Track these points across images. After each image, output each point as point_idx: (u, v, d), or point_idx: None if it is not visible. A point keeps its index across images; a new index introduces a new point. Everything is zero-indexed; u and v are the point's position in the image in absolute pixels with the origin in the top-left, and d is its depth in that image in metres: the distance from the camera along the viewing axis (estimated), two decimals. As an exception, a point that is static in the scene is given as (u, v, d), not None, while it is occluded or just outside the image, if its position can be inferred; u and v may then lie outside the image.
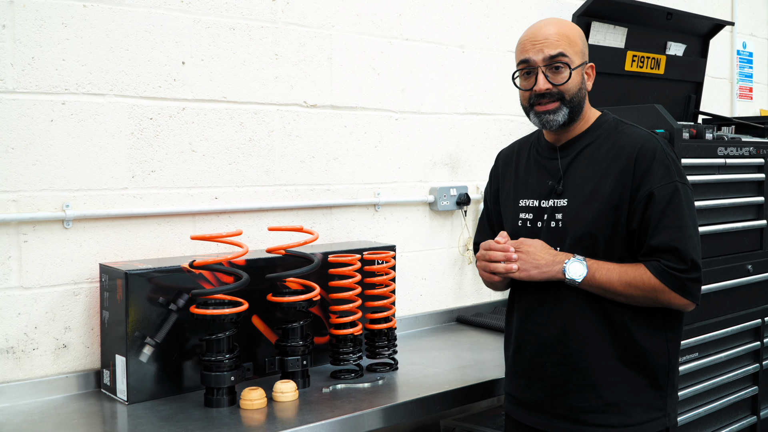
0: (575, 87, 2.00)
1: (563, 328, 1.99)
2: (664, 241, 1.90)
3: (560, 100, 2.00)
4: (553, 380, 2.01)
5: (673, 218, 1.91)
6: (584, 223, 1.97)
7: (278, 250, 2.36)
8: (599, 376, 1.97)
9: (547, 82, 1.98)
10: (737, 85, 4.63)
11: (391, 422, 2.17)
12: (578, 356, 1.98)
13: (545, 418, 2.03)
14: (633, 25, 3.50)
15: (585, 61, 2.04)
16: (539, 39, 2.00)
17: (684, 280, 1.90)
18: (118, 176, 2.36)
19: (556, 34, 1.99)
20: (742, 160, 3.17)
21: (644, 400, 1.98)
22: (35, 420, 2.04)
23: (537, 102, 2.01)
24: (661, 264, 1.90)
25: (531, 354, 2.06)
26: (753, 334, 3.33)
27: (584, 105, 2.05)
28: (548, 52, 1.98)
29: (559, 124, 2.02)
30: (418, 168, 3.11)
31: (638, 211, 1.93)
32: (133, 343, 2.16)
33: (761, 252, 3.30)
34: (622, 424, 1.96)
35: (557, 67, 1.99)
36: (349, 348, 2.43)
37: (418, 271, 3.13)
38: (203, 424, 2.00)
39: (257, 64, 2.63)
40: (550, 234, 2.03)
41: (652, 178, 1.92)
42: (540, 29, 2.02)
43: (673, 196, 1.92)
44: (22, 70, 2.18)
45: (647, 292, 1.92)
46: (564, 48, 1.98)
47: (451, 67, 3.20)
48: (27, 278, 2.22)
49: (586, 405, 1.97)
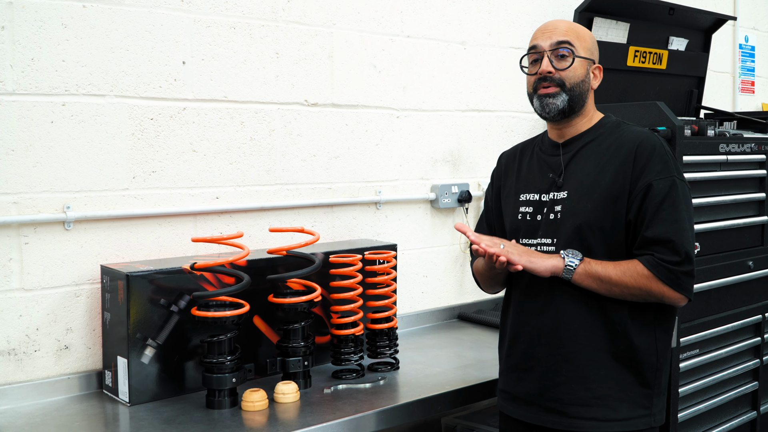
0: (577, 77, 2.06)
1: (556, 317, 2.02)
2: (659, 233, 1.93)
3: (561, 86, 2.05)
4: (544, 371, 2.04)
5: (669, 211, 1.94)
6: (583, 213, 2.00)
7: (280, 251, 2.36)
8: (589, 368, 1.99)
9: (550, 65, 2.06)
10: (739, 79, 4.62)
11: (392, 423, 2.18)
12: (570, 347, 2.01)
13: (534, 411, 2.06)
14: (635, 20, 3.50)
15: (593, 60, 2.12)
16: (550, 29, 2.11)
17: (678, 273, 1.93)
18: (118, 177, 2.36)
19: (567, 26, 2.10)
20: (744, 157, 3.17)
21: (631, 396, 2.01)
22: (37, 422, 2.05)
23: (540, 86, 2.07)
24: (654, 257, 1.93)
25: (525, 345, 2.08)
26: (753, 330, 3.34)
27: (587, 100, 2.10)
28: (555, 38, 2.07)
29: (558, 108, 2.06)
30: (419, 165, 3.11)
31: (636, 202, 1.96)
32: (134, 345, 2.16)
33: (762, 248, 3.30)
34: (608, 418, 1.99)
35: (562, 55, 2.06)
36: (351, 348, 2.43)
37: (419, 269, 3.13)
38: (205, 426, 2.01)
39: (258, 63, 2.62)
40: (548, 226, 2.06)
41: (651, 171, 1.97)
42: (552, 21, 2.14)
43: (671, 190, 1.95)
44: (22, 71, 2.17)
45: (641, 285, 1.94)
46: (572, 38, 2.07)
47: (453, 64, 3.19)
48: (28, 280, 2.22)
49: (574, 397, 2.00)
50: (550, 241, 2.04)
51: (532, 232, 2.09)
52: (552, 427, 2.03)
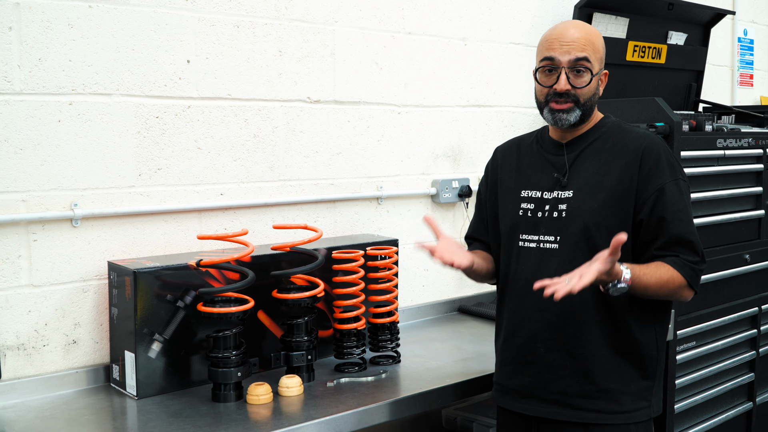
0: (591, 92, 2.07)
1: (562, 314, 2.04)
2: (681, 234, 1.99)
3: (575, 102, 2.06)
4: (545, 365, 2.07)
5: (684, 213, 2.01)
6: (590, 212, 2.03)
7: (283, 248, 2.39)
8: (594, 363, 2.03)
9: (568, 83, 2.04)
10: (738, 73, 4.64)
11: (393, 416, 2.22)
12: (574, 342, 2.04)
13: (533, 403, 2.09)
14: (634, 15, 3.52)
15: (602, 68, 2.11)
16: (567, 40, 2.04)
17: (698, 272, 2.02)
18: (125, 174, 2.39)
19: (584, 38, 2.05)
20: (741, 151, 3.20)
21: (633, 389, 2.05)
22: (46, 416, 2.09)
23: (554, 99, 2.06)
24: (681, 259, 1.99)
25: (524, 339, 2.11)
26: (750, 322, 3.38)
27: (594, 108, 2.12)
28: (575, 54, 2.03)
29: (570, 123, 2.07)
30: (420, 161, 3.15)
31: (648, 204, 2.00)
32: (141, 340, 2.21)
33: (759, 241, 3.34)
34: (611, 411, 2.03)
35: (579, 71, 2.04)
36: (353, 342, 2.47)
37: (420, 263, 3.17)
38: (211, 419, 2.05)
39: (261, 61, 2.66)
40: (551, 223, 2.08)
41: (662, 174, 2.01)
42: (568, 30, 2.06)
43: (681, 193, 2.02)
44: (29, 71, 2.21)
45: (674, 290, 2.00)
46: (589, 53, 2.05)
47: (454, 60, 3.22)
48: (37, 276, 2.26)
49: (578, 389, 2.04)
50: (554, 239, 2.06)
51: (532, 228, 2.10)
52: (554, 418, 2.06)
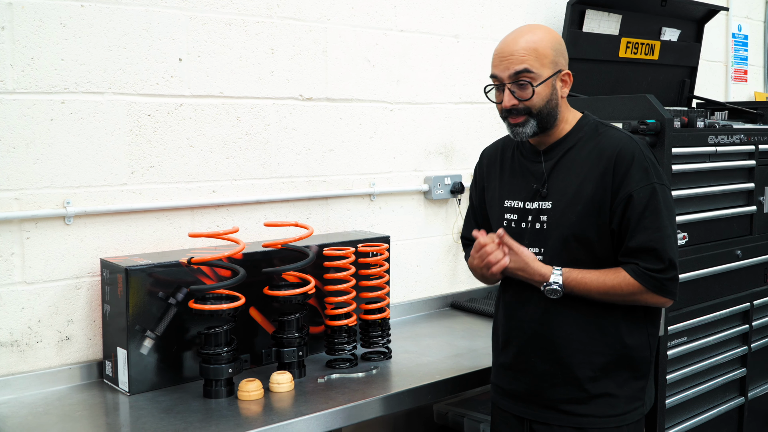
0: (542, 100, 2.02)
1: (549, 324, 2.06)
2: (643, 242, 1.96)
3: (528, 114, 2.03)
4: (539, 374, 2.08)
5: (651, 219, 1.97)
6: (568, 224, 2.03)
7: (275, 245, 2.41)
8: (585, 371, 2.04)
9: (512, 98, 2.02)
10: (732, 68, 4.65)
11: (384, 412, 2.24)
12: (564, 352, 2.05)
13: (532, 408, 2.11)
14: (627, 11, 3.53)
15: (558, 70, 2.05)
16: (505, 54, 2.03)
17: (662, 280, 1.97)
18: (117, 172, 2.41)
19: (524, 48, 2.00)
20: (733, 148, 3.20)
21: (627, 392, 2.06)
22: (40, 412, 2.11)
23: (508, 115, 2.06)
24: (639, 267, 1.97)
25: (518, 349, 2.12)
26: (742, 318, 3.39)
27: (557, 113, 2.07)
28: (513, 68, 2.01)
29: (528, 135, 2.06)
30: (412, 158, 3.16)
31: (618, 212, 1.99)
32: (134, 336, 2.23)
33: (751, 237, 3.35)
34: (605, 415, 2.04)
35: (521, 84, 2.01)
36: (344, 338, 2.49)
37: (413, 259, 3.19)
38: (202, 415, 2.07)
39: (253, 59, 2.67)
40: (534, 235, 2.08)
41: (631, 181, 1.98)
42: (508, 44, 2.04)
43: (651, 198, 1.97)
44: (22, 70, 2.22)
45: (626, 295, 1.99)
46: (530, 63, 2.00)
47: (446, 57, 3.24)
48: (30, 273, 2.28)
49: (572, 397, 2.05)
50: (538, 250, 2.07)
51: (518, 240, 2.08)
52: (549, 422, 2.08)
